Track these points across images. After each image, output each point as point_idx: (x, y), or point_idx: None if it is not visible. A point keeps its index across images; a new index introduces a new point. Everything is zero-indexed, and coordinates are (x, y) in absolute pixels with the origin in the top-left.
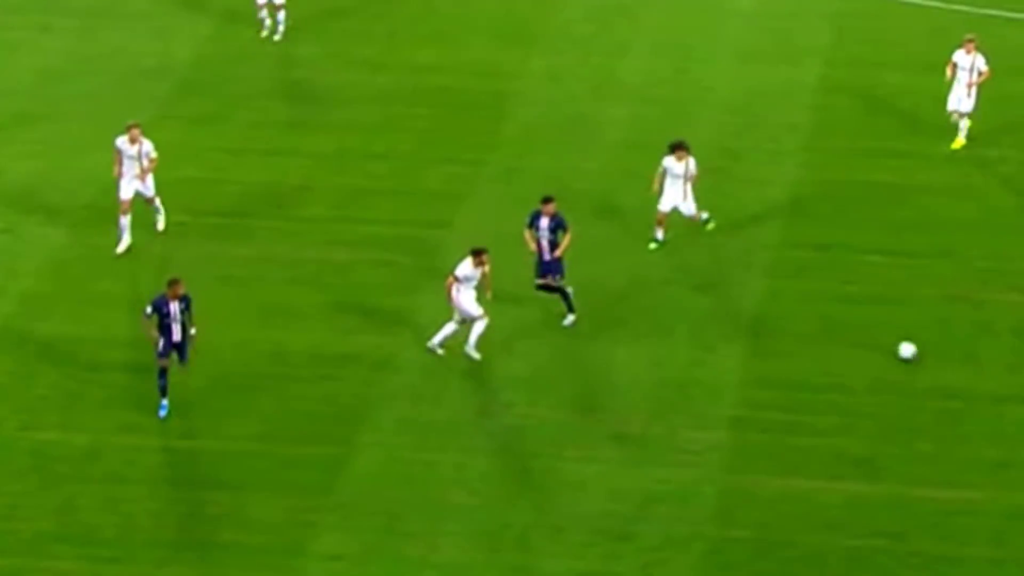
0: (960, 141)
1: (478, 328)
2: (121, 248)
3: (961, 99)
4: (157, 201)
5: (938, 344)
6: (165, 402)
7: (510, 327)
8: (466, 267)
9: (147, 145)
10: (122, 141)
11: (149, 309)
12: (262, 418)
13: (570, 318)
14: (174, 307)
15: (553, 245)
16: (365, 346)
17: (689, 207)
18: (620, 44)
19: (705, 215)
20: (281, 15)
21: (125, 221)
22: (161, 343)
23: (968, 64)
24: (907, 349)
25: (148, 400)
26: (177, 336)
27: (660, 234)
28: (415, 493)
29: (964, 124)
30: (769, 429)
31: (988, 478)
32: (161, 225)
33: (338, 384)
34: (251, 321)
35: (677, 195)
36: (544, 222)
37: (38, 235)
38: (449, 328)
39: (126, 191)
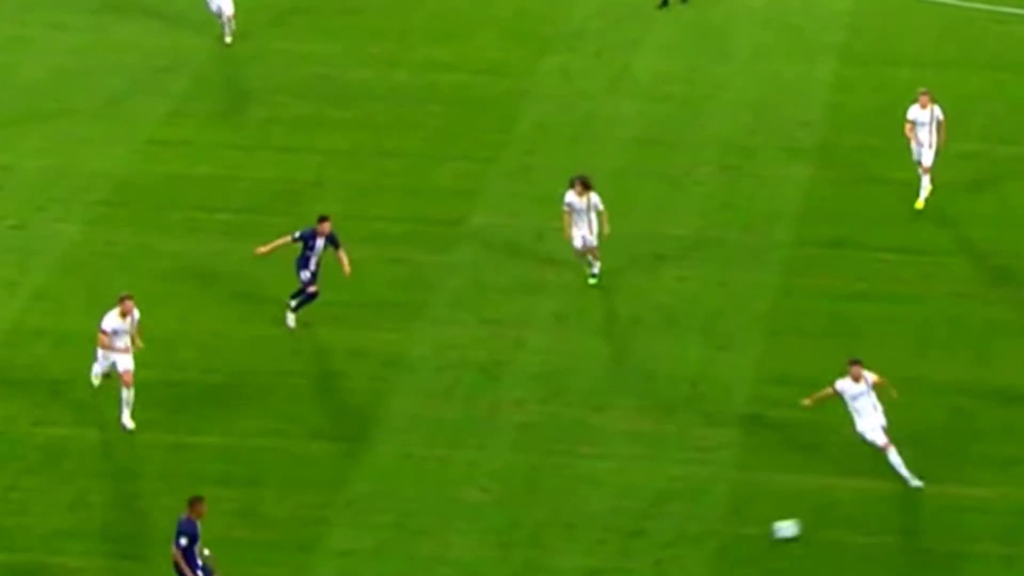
0: (921, 203)
1: (893, 457)
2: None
3: (924, 152)
4: (129, 384)
5: (950, 341)
6: None
7: (521, 323)
8: (848, 383)
9: (137, 314)
10: (112, 318)
11: (184, 541)
12: (275, 414)
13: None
14: (198, 528)
15: (320, 262)
16: (377, 343)
17: (593, 241)
18: (632, 41)
19: (596, 265)
20: (232, 22)
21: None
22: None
23: (927, 118)
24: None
25: (159, 397)
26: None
27: (595, 266)
28: (427, 490)
29: (926, 181)
30: (782, 426)
31: (999, 475)
32: (128, 422)
33: (350, 381)
34: (264, 317)
35: (585, 229)
36: (320, 242)
37: (51, 231)
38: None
39: (102, 365)
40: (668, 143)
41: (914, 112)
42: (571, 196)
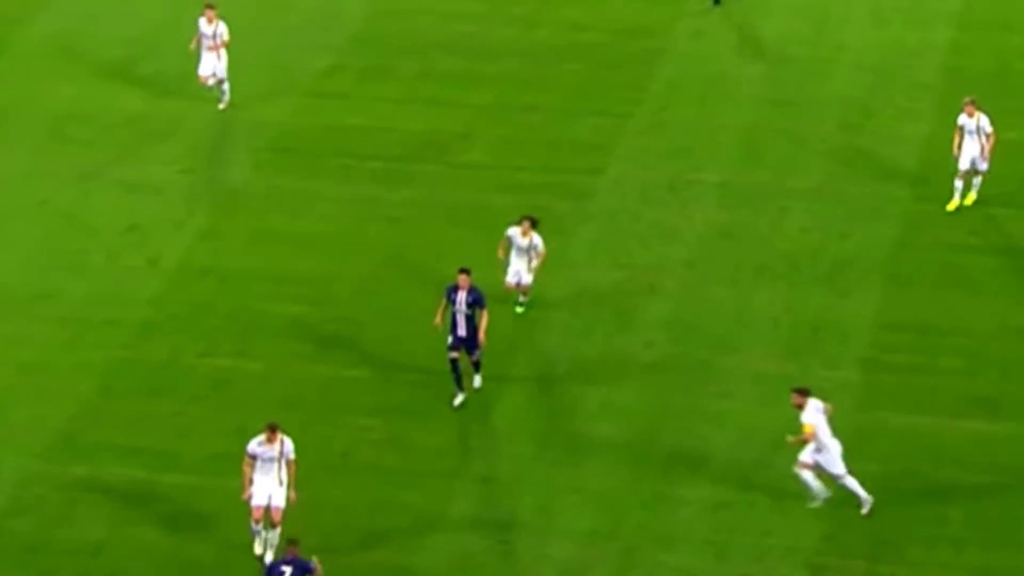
0: (972, 196)
1: (851, 484)
2: (258, 550)
3: (975, 159)
4: (276, 523)
5: None
6: None
7: (654, 268)
8: (818, 410)
9: (291, 447)
10: (255, 442)
11: (314, 559)
12: (422, 350)
13: (477, 379)
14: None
15: (470, 321)
16: None
17: (527, 279)
18: (760, 5)
19: (525, 299)
20: (226, 87)
21: (259, 528)
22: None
23: (973, 127)
24: None
25: (315, 332)
26: None
27: (523, 298)
28: (562, 424)
29: (978, 181)
30: (897, 370)
31: None
32: (258, 548)
33: (493, 319)
34: (412, 259)
35: (520, 266)
36: (461, 296)
37: (217, 176)
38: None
39: (260, 498)
40: (793, 102)
41: (962, 119)
42: (514, 231)
